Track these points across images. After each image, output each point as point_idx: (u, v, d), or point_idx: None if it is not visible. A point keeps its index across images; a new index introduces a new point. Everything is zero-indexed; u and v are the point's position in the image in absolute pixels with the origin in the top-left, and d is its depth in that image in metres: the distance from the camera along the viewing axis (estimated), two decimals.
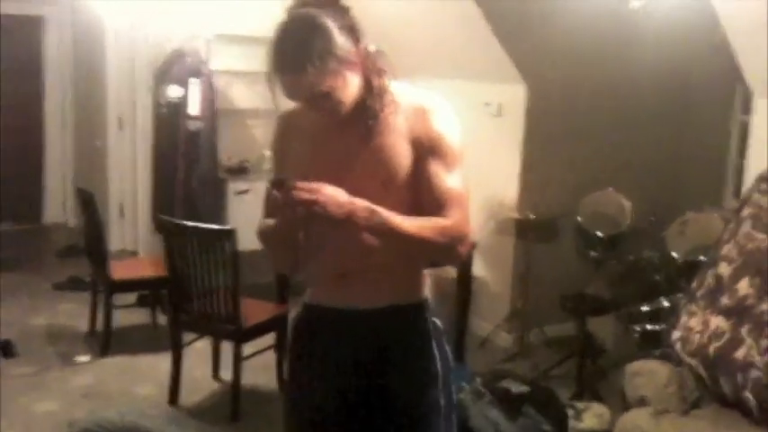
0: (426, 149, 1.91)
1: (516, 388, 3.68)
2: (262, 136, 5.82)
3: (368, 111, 1.91)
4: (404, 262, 1.98)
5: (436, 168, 1.91)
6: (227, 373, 4.08)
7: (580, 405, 3.83)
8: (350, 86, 1.86)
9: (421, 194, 1.92)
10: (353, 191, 1.85)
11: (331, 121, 1.93)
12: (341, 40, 1.82)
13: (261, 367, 4.16)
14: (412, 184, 1.92)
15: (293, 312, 2.19)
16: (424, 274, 2.06)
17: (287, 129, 2.08)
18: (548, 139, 4.85)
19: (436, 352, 2.02)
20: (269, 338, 4.08)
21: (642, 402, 3.16)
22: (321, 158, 1.97)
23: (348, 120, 1.91)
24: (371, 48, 1.95)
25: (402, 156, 1.91)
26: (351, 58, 1.84)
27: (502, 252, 4.95)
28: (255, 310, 3.95)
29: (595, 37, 4.55)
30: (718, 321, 3.02)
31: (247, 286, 3.87)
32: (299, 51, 1.78)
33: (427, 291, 2.06)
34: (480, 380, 3.71)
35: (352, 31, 1.88)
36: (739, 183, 4.50)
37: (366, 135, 1.91)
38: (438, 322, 2.06)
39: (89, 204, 4.66)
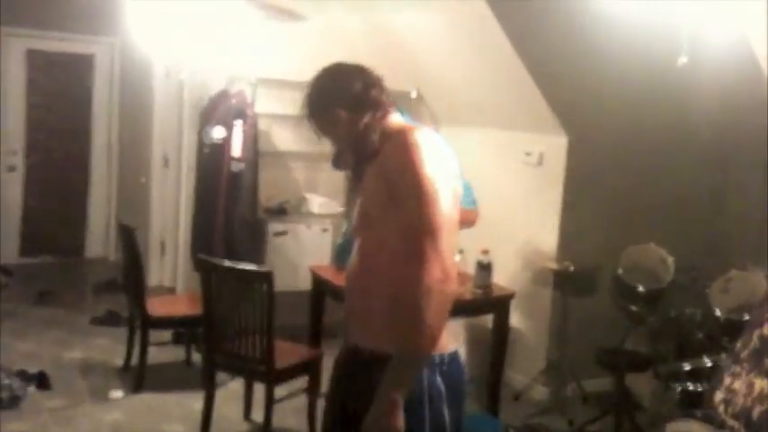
0: (397, 184, 1.93)
1: None
2: (302, 178, 5.87)
3: (362, 155, 2.07)
4: (385, 307, 1.97)
5: (408, 202, 1.90)
6: (258, 415, 4.05)
7: None
8: (343, 128, 2.08)
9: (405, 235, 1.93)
10: (354, 234, 2.11)
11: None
12: (346, 91, 2.07)
13: (292, 410, 4.13)
14: (389, 221, 1.95)
15: (327, 355, 2.24)
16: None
17: None
18: (588, 190, 4.81)
19: (427, 414, 1.95)
20: (302, 381, 4.06)
21: None
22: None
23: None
24: (411, 94, 2.12)
25: (376, 190, 1.98)
26: (361, 112, 2.06)
27: (539, 303, 4.89)
28: (289, 353, 3.93)
29: (639, 89, 4.53)
30: (762, 384, 2.93)
31: (282, 327, 3.85)
32: (307, 89, 2.12)
33: (441, 347, 1.97)
34: None
35: (377, 84, 2.10)
36: None
37: (359, 175, 2.08)
38: (441, 385, 1.97)
39: (130, 239, 4.71)
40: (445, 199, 1.90)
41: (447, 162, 1.98)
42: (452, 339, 2.06)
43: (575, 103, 4.62)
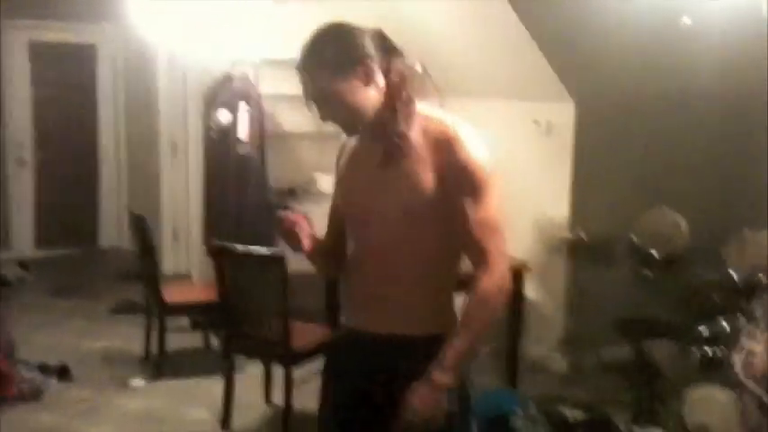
0: (453, 182, 1.87)
1: (572, 414, 3.62)
2: (310, 159, 5.85)
3: (389, 133, 1.89)
4: (431, 293, 1.95)
5: (468, 201, 1.87)
6: (278, 397, 4.08)
7: (638, 431, 3.74)
8: (360, 97, 1.88)
9: (455, 227, 1.90)
10: (377, 221, 1.92)
11: (349, 134, 1.99)
12: (362, 50, 1.87)
13: (313, 391, 4.14)
14: (439, 216, 1.89)
15: None
16: (452, 307, 2.01)
17: (340, 154, 2.12)
18: (598, 158, 4.78)
19: (455, 389, 1.94)
20: (320, 362, 4.07)
21: (703, 429, 3.08)
22: (352, 185, 2.03)
23: (374, 146, 1.93)
24: (415, 67, 1.99)
25: (424, 185, 1.87)
26: (368, 70, 1.87)
27: (553, 273, 4.87)
28: (306, 334, 3.94)
29: (646, 53, 4.47)
30: None
31: (298, 309, 3.87)
32: (312, 50, 1.88)
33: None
34: (534, 405, 3.65)
35: (386, 50, 1.93)
36: None
37: (386, 161, 1.90)
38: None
39: (142, 228, 4.73)
40: (498, 199, 1.93)
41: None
42: None
43: (581, 70, 4.57)
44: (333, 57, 1.85)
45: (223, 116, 5.36)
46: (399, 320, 1.95)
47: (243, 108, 5.32)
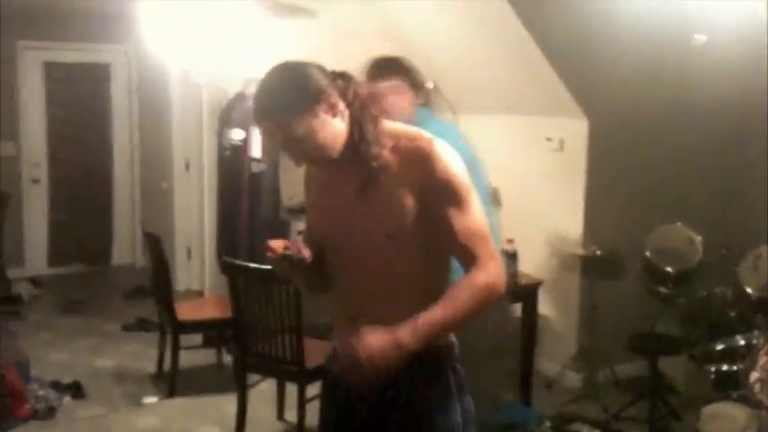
0: (434, 196, 1.85)
1: (587, 431, 3.59)
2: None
3: (362, 160, 1.86)
4: (414, 311, 1.85)
5: (452, 213, 1.86)
6: (292, 415, 4.07)
7: None
8: (331, 130, 1.84)
9: (441, 241, 1.89)
10: (359, 244, 1.90)
11: (321, 168, 1.96)
12: (319, 82, 1.82)
13: None
14: (421, 233, 1.87)
15: None
16: None
17: (308, 180, 2.10)
18: (611, 173, 4.77)
19: (457, 402, 1.94)
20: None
21: None
22: (327, 212, 2.00)
23: (346, 171, 1.89)
24: (428, 84, 2.00)
25: (403, 206, 1.85)
26: (331, 100, 1.83)
27: (567, 289, 4.86)
28: (319, 351, 3.92)
29: (657, 70, 4.48)
30: None
31: (311, 326, 3.86)
32: (271, 96, 1.83)
33: (448, 338, 1.97)
34: (549, 423, 3.63)
35: (338, 76, 1.90)
36: None
37: (363, 186, 1.87)
38: (461, 371, 1.97)
39: (156, 247, 4.74)
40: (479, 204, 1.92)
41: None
42: None
43: (593, 86, 4.57)
44: (295, 97, 1.80)
45: (236, 134, 5.39)
46: None
47: (256, 126, 5.34)
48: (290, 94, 1.81)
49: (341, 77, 1.90)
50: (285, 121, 1.80)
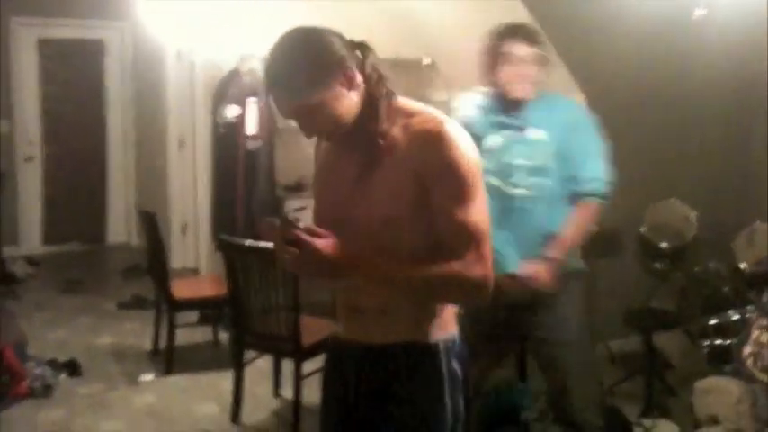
0: (435, 181, 1.74)
1: None
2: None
3: (369, 137, 1.79)
4: (418, 302, 1.85)
5: (446, 201, 1.74)
6: (288, 391, 4.09)
7: (648, 423, 3.73)
8: (346, 103, 1.76)
9: (436, 228, 1.77)
10: (356, 227, 1.80)
11: (330, 142, 1.88)
12: (336, 55, 1.74)
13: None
14: (422, 220, 1.77)
15: None
16: (444, 315, 1.90)
17: (317, 154, 2.04)
18: (608, 151, 4.75)
19: (448, 400, 1.88)
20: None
21: (713, 421, 3.07)
22: (327, 190, 1.95)
23: (352, 147, 1.82)
24: (424, 61, 1.97)
25: (405, 189, 1.76)
26: (349, 73, 1.75)
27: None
28: (315, 328, 3.94)
29: (656, 45, 4.45)
30: None
31: (307, 304, 3.87)
32: (283, 66, 1.74)
33: (447, 333, 1.90)
34: (544, 398, 3.64)
35: (356, 47, 1.82)
36: None
37: (368, 166, 1.80)
38: (457, 369, 1.91)
39: (151, 225, 4.74)
40: (484, 199, 1.80)
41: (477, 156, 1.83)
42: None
43: (591, 64, 4.55)
44: (313, 68, 1.71)
45: (231, 111, 5.37)
46: (395, 329, 1.87)
47: (251, 103, 5.32)
48: (307, 64, 1.71)
49: (359, 48, 1.82)
50: (300, 92, 1.72)
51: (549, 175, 2.97)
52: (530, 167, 2.96)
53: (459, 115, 2.98)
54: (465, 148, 1.77)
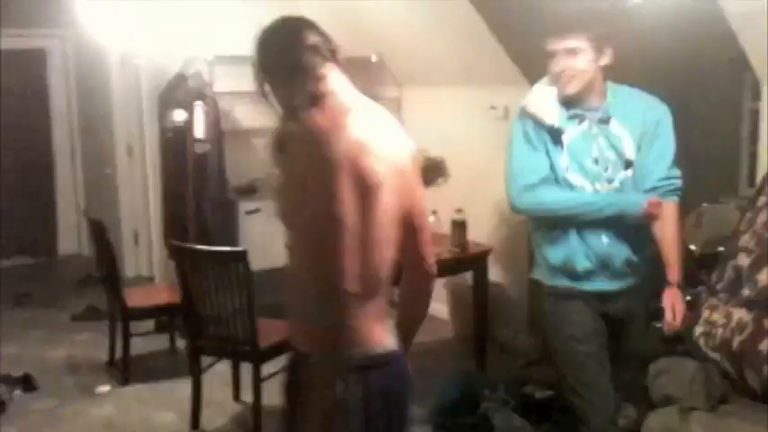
0: (353, 181, 1.79)
1: (540, 393, 3.64)
2: (267, 154, 5.81)
3: (314, 135, 1.85)
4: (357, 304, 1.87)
5: (359, 204, 1.81)
6: (248, 395, 4.05)
7: None
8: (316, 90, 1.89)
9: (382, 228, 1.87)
10: (300, 226, 1.90)
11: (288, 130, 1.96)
12: (316, 47, 1.90)
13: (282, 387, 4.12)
14: (356, 220, 1.82)
15: None
16: (381, 325, 1.94)
17: (275, 155, 2.08)
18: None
19: (363, 413, 1.87)
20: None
21: (668, 401, 3.12)
22: (282, 187, 2.00)
23: (305, 154, 1.88)
24: (372, 57, 2.01)
25: (341, 189, 1.79)
26: (321, 65, 1.89)
27: (517, 256, 4.90)
28: (272, 330, 3.91)
29: None
30: (740, 314, 2.98)
31: (263, 306, 3.84)
32: (267, 53, 1.95)
33: (383, 346, 1.92)
34: (503, 387, 3.67)
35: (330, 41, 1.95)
36: (754, 171, 4.44)
37: (310, 163, 1.85)
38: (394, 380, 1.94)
39: (100, 234, 4.66)
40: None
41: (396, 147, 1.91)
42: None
43: (536, 52, 4.57)
44: (293, 57, 1.89)
45: (179, 116, 5.30)
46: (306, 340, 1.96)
47: (198, 107, 5.26)
48: (289, 53, 1.90)
49: (330, 43, 1.95)
50: (281, 78, 1.91)
51: (634, 169, 2.73)
52: (616, 162, 2.70)
53: (532, 109, 2.74)
54: (402, 144, 1.94)
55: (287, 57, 1.90)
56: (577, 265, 2.71)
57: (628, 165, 2.72)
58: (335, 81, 1.92)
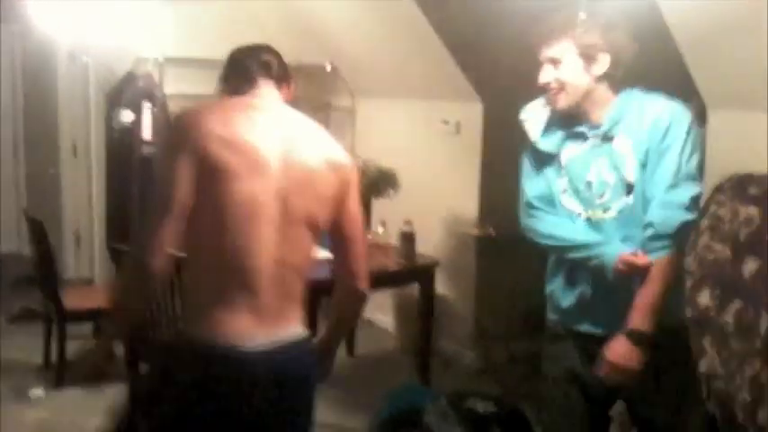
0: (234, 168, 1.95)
1: (482, 407, 3.63)
2: None
3: None
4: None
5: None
6: None
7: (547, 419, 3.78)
8: None
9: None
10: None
11: None
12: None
13: None
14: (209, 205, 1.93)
15: None
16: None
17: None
18: (507, 155, 4.81)
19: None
20: None
21: None
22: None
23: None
24: (326, 68, 2.11)
25: (185, 173, 1.92)
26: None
27: (464, 270, 4.92)
28: None
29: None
30: None
31: None
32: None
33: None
34: (445, 399, 3.65)
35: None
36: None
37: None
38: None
39: (39, 232, 4.54)
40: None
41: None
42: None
43: (488, 69, 4.62)
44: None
45: (126, 116, 5.21)
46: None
47: (146, 108, 5.18)
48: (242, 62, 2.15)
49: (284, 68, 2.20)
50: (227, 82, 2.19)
51: (636, 195, 2.30)
52: (615, 186, 2.32)
53: (523, 124, 2.57)
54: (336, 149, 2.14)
55: (239, 64, 2.12)
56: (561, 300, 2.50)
57: (629, 189, 2.30)
58: (266, 93, 2.07)
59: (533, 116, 2.54)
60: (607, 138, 2.33)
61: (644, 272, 2.23)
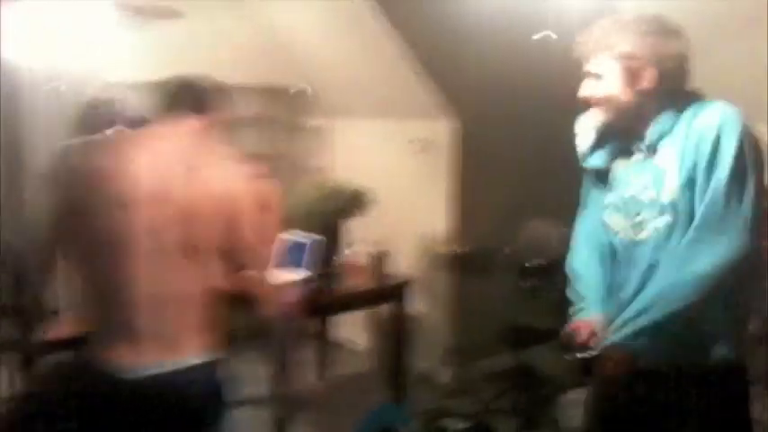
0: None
1: (456, 426, 3.62)
2: None
3: None
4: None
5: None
6: None
7: None
8: None
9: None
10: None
11: None
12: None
13: None
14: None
15: None
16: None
17: None
18: (477, 173, 4.85)
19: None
20: None
21: None
22: None
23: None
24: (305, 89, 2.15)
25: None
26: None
27: (436, 288, 4.91)
28: None
29: (516, 65, 4.53)
30: None
31: None
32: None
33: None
34: (421, 419, 3.64)
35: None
36: None
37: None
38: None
39: None
40: None
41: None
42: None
43: (459, 88, 4.64)
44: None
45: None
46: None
47: (110, 134, 5.11)
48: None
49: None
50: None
51: (678, 215, 2.07)
52: (651, 204, 2.14)
53: (579, 144, 2.48)
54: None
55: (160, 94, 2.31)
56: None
57: (663, 209, 2.11)
58: (176, 123, 2.17)
59: (583, 126, 2.45)
60: (651, 152, 2.16)
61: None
